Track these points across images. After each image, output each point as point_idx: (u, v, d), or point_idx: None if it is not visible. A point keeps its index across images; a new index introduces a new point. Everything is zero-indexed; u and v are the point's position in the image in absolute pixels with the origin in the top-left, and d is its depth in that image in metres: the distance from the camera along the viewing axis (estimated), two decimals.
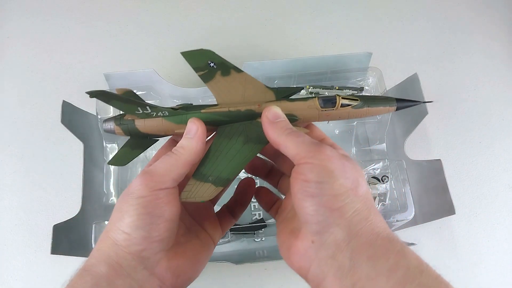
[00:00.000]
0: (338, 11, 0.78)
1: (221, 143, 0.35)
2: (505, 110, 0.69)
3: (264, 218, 0.60)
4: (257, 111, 0.36)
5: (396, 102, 0.37)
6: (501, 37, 0.75)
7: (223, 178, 0.33)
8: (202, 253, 0.36)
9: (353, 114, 0.37)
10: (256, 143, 0.35)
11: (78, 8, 0.78)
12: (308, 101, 0.36)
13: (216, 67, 0.36)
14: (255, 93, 0.37)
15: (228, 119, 0.36)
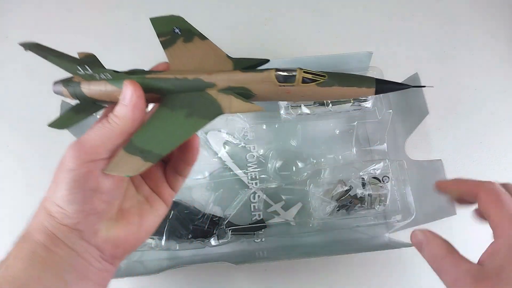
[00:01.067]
0: (338, 10, 0.78)
1: (161, 114, 0.31)
2: (506, 110, 0.69)
3: (264, 218, 0.59)
4: (206, 81, 0.32)
5: (375, 83, 0.31)
6: (502, 37, 0.75)
7: (155, 154, 0.29)
8: (150, 218, 0.34)
9: (319, 93, 0.31)
10: (200, 117, 0.31)
11: (78, 8, 0.78)
12: (264, 73, 0.32)
13: (180, 33, 0.34)
14: (212, 62, 0.33)
15: (174, 87, 0.32)
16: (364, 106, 0.58)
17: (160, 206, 0.35)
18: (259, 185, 0.61)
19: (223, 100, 0.32)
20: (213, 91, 0.32)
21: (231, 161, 0.63)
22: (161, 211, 0.35)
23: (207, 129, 0.65)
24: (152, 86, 0.32)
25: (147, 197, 0.35)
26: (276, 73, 0.31)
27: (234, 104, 0.32)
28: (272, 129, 0.65)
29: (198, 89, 0.32)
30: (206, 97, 0.32)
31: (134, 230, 0.32)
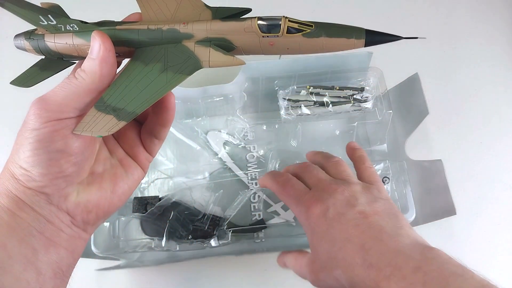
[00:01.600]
0: (338, 10, 0.77)
1: (134, 68, 0.29)
2: (506, 110, 0.69)
3: (264, 218, 0.59)
4: (182, 31, 0.29)
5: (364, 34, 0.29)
6: (502, 37, 0.75)
7: (128, 111, 0.27)
8: (124, 182, 0.32)
9: (306, 45, 0.29)
10: (176, 73, 0.29)
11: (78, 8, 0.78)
12: (246, 22, 0.29)
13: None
14: (189, 11, 0.31)
15: (147, 39, 0.30)
16: (364, 107, 0.58)
17: (136, 171, 0.33)
18: (259, 185, 0.61)
19: (201, 52, 0.29)
20: (190, 42, 0.30)
21: (231, 161, 0.63)
22: (137, 176, 0.33)
23: (207, 130, 0.65)
24: (123, 38, 0.30)
25: (122, 161, 0.33)
26: (259, 22, 0.29)
27: (213, 57, 0.29)
28: (272, 129, 0.65)
29: (174, 41, 0.30)
30: (182, 49, 0.29)
31: (107, 195, 0.31)
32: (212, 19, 0.30)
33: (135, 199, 0.58)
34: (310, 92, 0.58)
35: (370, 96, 0.58)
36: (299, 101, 0.58)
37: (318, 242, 0.32)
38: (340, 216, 0.32)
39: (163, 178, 0.62)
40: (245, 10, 0.33)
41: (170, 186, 0.62)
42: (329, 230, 0.32)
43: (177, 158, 0.63)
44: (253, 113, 0.66)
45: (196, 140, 0.64)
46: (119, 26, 0.30)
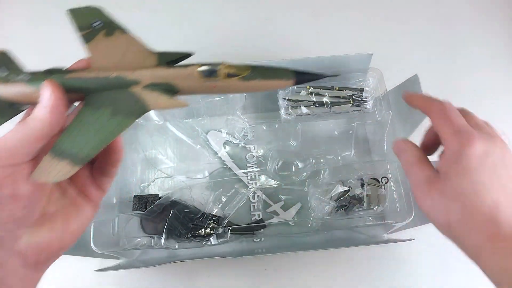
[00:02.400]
0: (338, 11, 0.78)
1: (85, 115, 0.30)
2: (506, 110, 0.69)
3: (263, 218, 0.60)
4: (129, 78, 0.31)
5: (295, 75, 0.32)
6: (502, 38, 0.75)
7: (82, 156, 0.29)
8: (76, 221, 0.32)
9: (243, 87, 0.32)
10: (125, 117, 0.30)
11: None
12: (188, 69, 0.31)
13: (102, 26, 0.33)
14: (135, 57, 0.32)
15: (96, 87, 0.31)
16: (364, 107, 0.58)
17: (87, 208, 0.34)
18: (258, 185, 0.61)
19: (147, 97, 0.31)
20: (137, 88, 0.31)
21: (231, 161, 0.63)
22: (89, 213, 0.34)
23: (207, 129, 0.65)
24: (73, 85, 0.31)
25: (73, 199, 0.33)
26: (200, 69, 0.31)
27: (159, 101, 0.31)
28: (272, 129, 0.65)
29: (122, 87, 0.31)
30: (130, 94, 0.31)
31: (59, 234, 0.31)
32: (157, 65, 0.32)
33: (135, 198, 0.59)
34: (310, 92, 0.58)
35: (370, 96, 0.59)
36: (299, 101, 0.58)
37: (457, 171, 0.32)
38: (495, 168, 0.32)
39: (163, 177, 0.63)
40: (188, 54, 0.35)
41: (170, 185, 0.62)
42: (476, 170, 0.32)
43: (177, 157, 0.64)
44: (253, 113, 0.66)
45: (196, 140, 0.64)
46: (68, 74, 0.31)
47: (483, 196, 0.31)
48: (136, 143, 0.64)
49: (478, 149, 0.32)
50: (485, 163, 0.32)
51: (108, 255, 0.54)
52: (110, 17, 0.33)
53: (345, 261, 0.60)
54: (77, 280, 0.59)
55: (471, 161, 0.32)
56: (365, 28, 0.76)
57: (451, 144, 0.33)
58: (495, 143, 0.34)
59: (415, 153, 0.37)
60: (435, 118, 0.36)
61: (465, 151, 0.32)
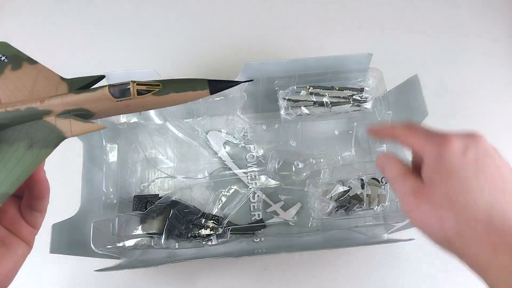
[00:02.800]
0: (338, 11, 0.78)
1: (0, 151, 0.30)
2: (505, 110, 0.69)
3: (263, 218, 0.60)
4: (40, 109, 0.31)
5: (208, 84, 0.32)
6: (501, 37, 0.75)
7: (1, 193, 0.28)
8: (8, 261, 0.31)
9: (159, 102, 0.32)
10: (42, 148, 0.30)
11: (78, 8, 0.78)
12: (98, 92, 0.31)
13: (7, 60, 0.33)
14: (46, 87, 0.32)
15: (8, 121, 0.31)
16: (364, 107, 0.58)
17: (19, 246, 0.32)
18: (258, 185, 0.61)
19: (62, 124, 0.31)
20: (51, 117, 0.32)
21: (231, 161, 0.63)
22: (21, 252, 0.33)
23: (207, 129, 0.65)
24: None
25: (3, 239, 0.32)
26: (110, 90, 0.31)
27: (74, 127, 0.32)
28: (272, 129, 0.65)
29: (34, 118, 0.31)
30: (44, 125, 0.31)
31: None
32: (68, 92, 0.32)
33: (135, 198, 0.59)
34: (310, 92, 0.58)
35: (370, 96, 0.58)
36: (299, 101, 0.58)
37: (441, 176, 0.30)
38: (479, 162, 0.30)
39: (163, 177, 0.63)
40: (99, 77, 0.34)
41: (170, 185, 0.62)
42: (462, 169, 0.30)
43: (177, 157, 0.64)
44: (253, 113, 0.66)
45: (196, 140, 0.64)
46: None
47: (475, 199, 0.29)
48: (136, 143, 0.64)
49: (456, 145, 0.30)
50: (468, 159, 0.30)
51: (108, 255, 0.54)
52: (15, 51, 0.33)
53: (345, 261, 0.60)
54: (77, 280, 0.59)
55: (452, 160, 0.30)
56: (365, 28, 0.76)
57: (428, 150, 0.32)
58: (473, 137, 0.32)
59: (397, 167, 0.35)
60: (403, 137, 0.35)
61: (444, 151, 0.30)
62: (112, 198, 0.60)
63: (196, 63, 0.71)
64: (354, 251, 0.60)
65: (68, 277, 0.59)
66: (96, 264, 0.58)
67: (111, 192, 0.60)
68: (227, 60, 0.71)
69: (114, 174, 0.61)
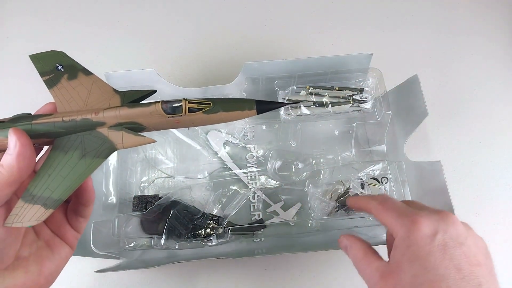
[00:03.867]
0: (338, 11, 0.78)
1: (55, 158, 0.31)
2: (505, 110, 0.69)
3: (263, 218, 0.60)
4: (94, 120, 0.32)
5: (255, 105, 0.33)
6: (501, 38, 0.75)
7: (54, 199, 0.29)
8: (51, 263, 0.33)
9: (207, 120, 0.33)
10: (94, 157, 0.32)
11: (78, 8, 0.78)
12: (151, 107, 0.33)
13: (63, 70, 0.34)
14: (99, 98, 0.34)
15: (64, 130, 0.32)
16: (364, 107, 0.58)
17: (63, 249, 0.34)
18: (258, 185, 0.62)
19: (114, 136, 0.32)
20: (104, 128, 0.33)
21: (231, 161, 0.63)
22: (64, 254, 0.34)
23: (207, 129, 0.65)
24: (40, 131, 0.32)
25: (48, 241, 0.33)
26: (163, 106, 0.32)
27: (126, 139, 0.32)
28: (272, 129, 0.65)
29: (88, 128, 0.32)
30: (97, 135, 0.32)
31: (34, 277, 0.31)
32: (121, 105, 0.33)
33: (135, 198, 0.59)
34: (309, 92, 0.58)
35: (370, 96, 0.59)
36: (299, 101, 0.58)
37: (409, 261, 0.30)
38: (446, 248, 0.30)
39: (163, 177, 0.63)
40: (151, 92, 0.36)
41: (170, 185, 0.62)
42: (428, 256, 0.30)
43: (177, 157, 0.64)
44: None
45: (196, 140, 0.64)
46: (35, 120, 0.32)
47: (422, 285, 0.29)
48: None
49: (425, 229, 0.31)
50: (435, 244, 0.30)
51: (108, 256, 0.54)
52: (71, 61, 0.34)
53: (345, 261, 0.59)
54: (77, 281, 0.59)
55: (421, 245, 0.30)
56: (365, 28, 0.76)
57: (397, 230, 0.32)
58: (445, 219, 0.32)
59: (360, 247, 0.35)
60: (377, 214, 0.36)
61: (413, 235, 0.30)
62: (112, 198, 0.60)
63: (196, 63, 0.72)
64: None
65: (68, 277, 0.59)
66: (96, 264, 0.58)
67: (111, 192, 0.60)
68: (227, 60, 0.71)
69: (114, 174, 0.61)
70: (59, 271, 0.34)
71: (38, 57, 0.34)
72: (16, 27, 0.76)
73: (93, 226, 0.55)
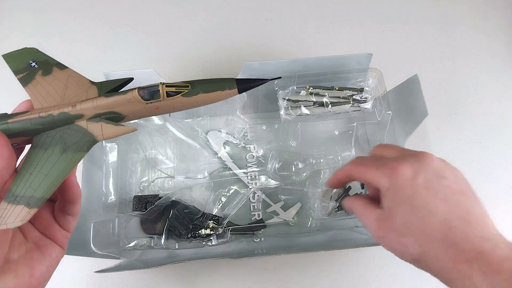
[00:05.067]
0: (338, 11, 0.78)
1: (35, 155, 0.30)
2: (505, 110, 0.69)
3: (263, 218, 0.60)
4: (72, 113, 0.32)
5: (236, 83, 0.32)
6: (501, 37, 0.75)
7: (37, 198, 0.29)
8: (42, 265, 0.32)
9: (188, 103, 0.32)
10: (75, 151, 0.31)
11: (78, 8, 0.78)
12: (128, 94, 0.32)
13: (37, 66, 0.33)
14: (76, 91, 0.33)
15: (41, 126, 0.31)
16: (364, 107, 0.58)
17: (53, 250, 0.33)
18: (258, 185, 0.61)
19: (94, 128, 0.32)
20: (82, 121, 0.32)
21: (231, 161, 0.63)
22: (55, 255, 0.33)
23: (207, 129, 0.65)
24: (17, 129, 0.31)
25: (38, 243, 0.32)
26: (140, 92, 0.32)
27: (106, 130, 0.32)
28: (272, 129, 0.65)
29: (67, 122, 0.32)
30: (76, 129, 0.32)
31: (25, 280, 0.30)
32: (98, 96, 0.33)
33: (135, 198, 0.59)
34: (309, 92, 0.58)
35: (370, 97, 0.58)
36: (299, 101, 0.58)
37: (397, 204, 0.32)
38: (429, 184, 0.31)
39: (163, 177, 0.63)
40: (128, 80, 0.35)
41: (170, 185, 0.62)
42: (414, 196, 0.31)
43: (177, 157, 0.64)
44: (253, 113, 0.66)
45: (196, 140, 0.64)
46: (11, 119, 0.32)
47: (430, 222, 0.30)
48: (136, 143, 0.64)
49: (405, 172, 0.32)
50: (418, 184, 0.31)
51: (108, 256, 0.54)
52: (45, 56, 0.33)
53: (345, 261, 0.60)
54: (77, 281, 0.59)
55: (404, 188, 0.31)
56: (365, 28, 0.76)
57: (381, 182, 0.33)
58: (421, 159, 0.33)
59: (360, 204, 0.36)
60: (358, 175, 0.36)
61: (395, 181, 0.32)
62: (112, 198, 0.60)
63: (197, 63, 0.72)
64: (354, 251, 0.60)
65: (68, 278, 0.59)
66: (96, 264, 0.58)
67: (111, 192, 0.60)
68: (227, 60, 0.71)
69: (114, 174, 0.61)
70: (51, 272, 0.33)
71: (11, 55, 0.33)
72: (16, 27, 0.76)
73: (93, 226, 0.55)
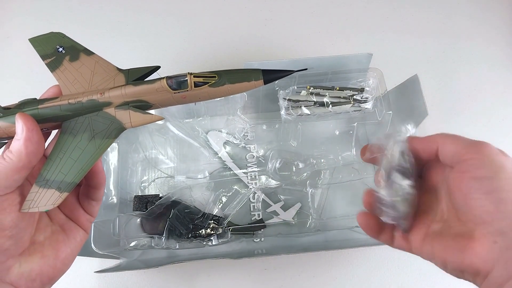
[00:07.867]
0: (338, 11, 0.78)
1: (65, 141, 0.31)
2: (505, 110, 0.69)
3: (263, 218, 0.60)
4: (100, 101, 0.32)
5: (262, 74, 0.32)
6: (501, 37, 0.75)
7: (67, 182, 0.30)
8: (67, 247, 0.33)
9: (214, 93, 0.33)
10: (104, 138, 0.31)
11: (78, 8, 0.78)
12: (156, 84, 0.32)
13: (64, 51, 0.33)
14: (104, 78, 0.33)
15: (70, 113, 0.32)
16: (364, 107, 0.58)
17: (78, 233, 0.34)
18: (258, 185, 0.62)
19: (122, 116, 0.32)
20: (110, 109, 0.32)
21: (231, 161, 0.63)
22: (79, 238, 0.34)
23: (207, 129, 0.65)
24: (47, 115, 0.32)
25: (63, 225, 0.33)
26: (168, 81, 0.32)
27: (133, 118, 0.32)
28: (272, 129, 0.65)
29: (95, 109, 0.32)
30: (105, 116, 0.32)
31: (50, 261, 0.31)
32: (126, 84, 0.33)
33: (136, 198, 0.59)
34: (310, 92, 0.58)
35: (370, 96, 0.59)
36: (300, 101, 0.58)
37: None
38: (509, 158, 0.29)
39: (164, 177, 0.63)
40: (155, 68, 0.35)
41: (170, 185, 0.62)
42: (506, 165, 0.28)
43: (177, 157, 0.64)
44: (254, 113, 0.66)
45: (197, 140, 0.64)
46: (41, 104, 0.32)
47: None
48: (137, 143, 0.64)
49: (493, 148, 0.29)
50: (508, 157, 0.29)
51: (108, 255, 0.54)
52: (72, 41, 0.34)
53: (345, 261, 0.60)
54: (77, 280, 0.59)
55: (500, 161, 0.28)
56: (365, 28, 0.76)
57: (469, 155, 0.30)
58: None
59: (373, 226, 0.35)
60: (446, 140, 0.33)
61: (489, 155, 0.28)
62: (113, 198, 0.60)
63: (197, 63, 0.71)
64: (354, 251, 0.60)
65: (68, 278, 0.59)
66: (96, 264, 0.58)
67: (112, 192, 0.60)
68: (227, 60, 0.71)
69: (115, 174, 0.61)
70: (75, 255, 0.34)
71: (38, 40, 0.34)
72: (16, 27, 0.76)
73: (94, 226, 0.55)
